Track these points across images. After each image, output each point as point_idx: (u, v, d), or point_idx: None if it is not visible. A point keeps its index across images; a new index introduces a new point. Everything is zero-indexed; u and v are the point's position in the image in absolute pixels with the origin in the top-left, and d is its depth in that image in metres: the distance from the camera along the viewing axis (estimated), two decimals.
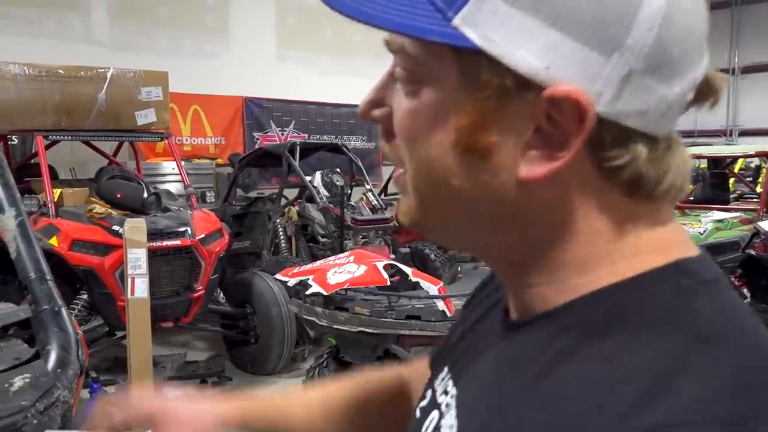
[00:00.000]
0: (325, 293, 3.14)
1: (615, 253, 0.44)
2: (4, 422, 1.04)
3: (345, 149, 6.58)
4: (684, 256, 0.44)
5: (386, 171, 9.71)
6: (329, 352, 3.61)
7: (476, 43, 0.39)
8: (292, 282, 3.41)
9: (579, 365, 0.40)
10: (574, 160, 0.41)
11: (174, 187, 6.15)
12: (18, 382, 1.18)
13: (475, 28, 0.39)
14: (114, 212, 4.35)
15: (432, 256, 6.23)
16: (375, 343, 3.09)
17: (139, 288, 3.84)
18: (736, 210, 6.33)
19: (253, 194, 7.51)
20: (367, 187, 6.28)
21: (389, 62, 0.47)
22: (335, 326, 3.14)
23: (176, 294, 4.37)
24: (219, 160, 7.95)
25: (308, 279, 3.30)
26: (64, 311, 1.45)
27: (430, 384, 0.61)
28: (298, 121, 8.98)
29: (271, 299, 4.80)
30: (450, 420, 0.51)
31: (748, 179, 9.92)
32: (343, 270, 3.26)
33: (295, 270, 3.58)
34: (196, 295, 4.44)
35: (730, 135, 16.35)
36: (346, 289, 3.16)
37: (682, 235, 0.46)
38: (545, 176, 0.41)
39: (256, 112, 8.48)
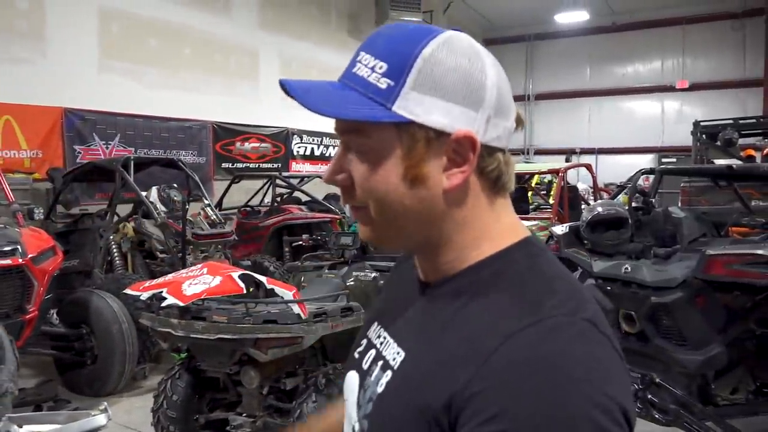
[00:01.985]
0: (181, 304, 3.18)
1: (492, 233, 0.73)
2: None
3: (181, 164, 6.55)
4: (526, 234, 0.75)
5: (218, 185, 9.63)
6: (181, 363, 3.65)
7: (409, 117, 0.67)
8: (144, 296, 3.42)
9: (479, 305, 0.67)
10: (471, 172, 0.69)
11: None
12: None
13: (405, 109, 0.67)
14: None
15: (271, 268, 6.40)
16: (233, 348, 3.21)
17: None
18: (534, 219, 7.39)
19: (76, 211, 7.12)
20: (206, 201, 6.31)
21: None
22: (193, 335, 3.19)
23: (6, 317, 4.12)
24: (36, 175, 7.39)
25: (162, 292, 3.34)
26: None
27: (364, 335, 0.85)
28: (124, 134, 8.58)
29: (111, 317, 4.70)
30: (393, 349, 0.75)
31: (542, 193, 11.41)
32: (198, 281, 3.34)
33: (147, 284, 3.58)
34: (28, 317, 4.23)
35: (528, 153, 18.48)
36: (203, 299, 3.25)
37: (520, 221, 0.77)
38: (460, 183, 0.69)
39: (78, 124, 7.97)
